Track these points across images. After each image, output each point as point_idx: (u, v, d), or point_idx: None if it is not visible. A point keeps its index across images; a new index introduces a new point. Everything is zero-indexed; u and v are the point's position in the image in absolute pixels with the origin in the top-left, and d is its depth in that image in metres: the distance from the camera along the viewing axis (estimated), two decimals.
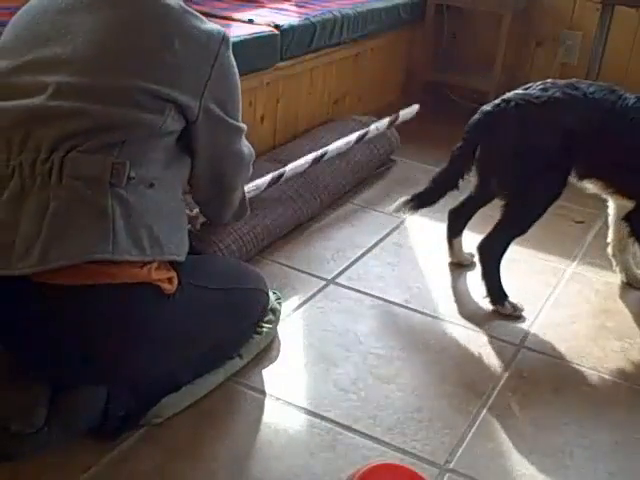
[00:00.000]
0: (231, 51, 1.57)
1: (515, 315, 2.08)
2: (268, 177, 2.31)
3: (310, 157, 2.49)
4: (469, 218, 2.29)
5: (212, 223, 1.98)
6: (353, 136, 2.71)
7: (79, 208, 1.37)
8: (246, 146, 1.73)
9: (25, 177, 1.39)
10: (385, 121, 2.88)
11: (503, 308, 2.09)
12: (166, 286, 1.47)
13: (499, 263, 2.10)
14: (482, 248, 2.11)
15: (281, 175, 2.36)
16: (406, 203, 2.21)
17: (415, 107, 3.07)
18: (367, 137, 2.76)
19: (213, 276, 1.65)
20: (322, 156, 2.54)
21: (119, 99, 1.42)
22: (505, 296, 2.10)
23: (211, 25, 1.54)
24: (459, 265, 2.35)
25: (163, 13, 1.48)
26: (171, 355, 1.55)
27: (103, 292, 1.39)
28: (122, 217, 1.38)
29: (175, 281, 1.49)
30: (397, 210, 2.23)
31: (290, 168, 2.40)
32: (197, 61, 1.50)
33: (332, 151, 2.59)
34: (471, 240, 2.35)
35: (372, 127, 2.80)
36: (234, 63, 1.59)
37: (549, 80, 2.05)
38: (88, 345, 1.43)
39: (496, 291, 2.10)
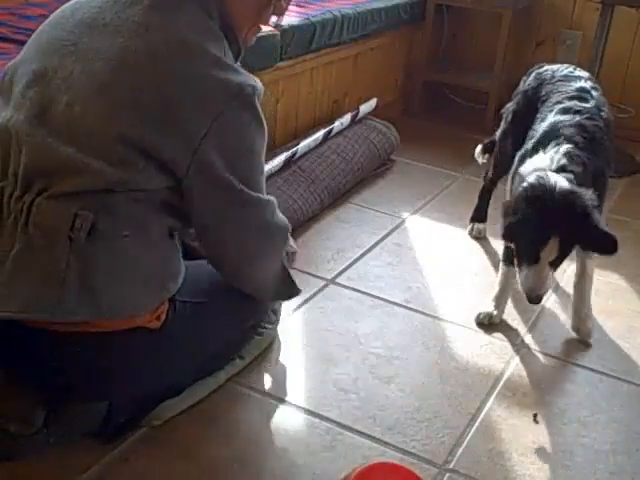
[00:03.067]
0: (251, 110, 1.39)
1: None
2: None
3: (282, 157, 2.50)
4: None
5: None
6: (320, 133, 2.73)
7: (34, 259, 1.30)
8: (279, 218, 1.54)
9: (4, 204, 1.35)
10: (347, 117, 2.91)
11: None
12: (152, 324, 1.42)
13: None
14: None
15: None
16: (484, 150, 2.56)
17: (373, 101, 3.11)
18: (332, 133, 2.79)
19: (209, 287, 1.60)
20: (293, 156, 2.55)
21: (90, 144, 1.31)
22: None
23: (235, 77, 1.36)
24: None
25: (174, 54, 1.34)
26: (171, 374, 1.55)
27: (89, 340, 1.36)
28: (77, 275, 1.29)
29: (163, 315, 1.44)
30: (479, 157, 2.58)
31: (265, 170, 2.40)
32: (194, 113, 1.32)
33: (302, 150, 2.60)
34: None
35: (336, 123, 2.83)
36: (250, 124, 1.40)
37: (571, 67, 2.23)
38: (80, 388, 1.42)
39: None
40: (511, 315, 2.09)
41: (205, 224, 1.46)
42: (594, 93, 2.05)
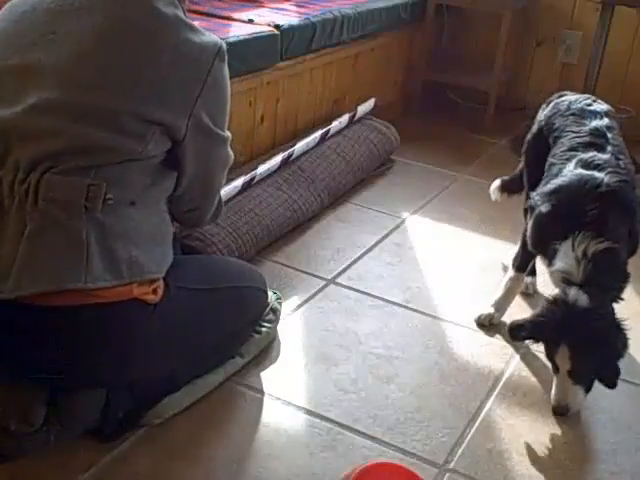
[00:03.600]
0: (226, 63, 1.50)
1: None
2: (240, 181, 2.31)
3: (278, 158, 2.50)
4: None
5: (190, 227, 1.89)
6: (317, 133, 2.73)
7: (53, 233, 1.34)
8: (230, 151, 1.65)
9: (4, 195, 1.36)
10: (346, 117, 2.91)
11: None
12: (149, 297, 1.45)
13: None
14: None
15: (252, 178, 2.37)
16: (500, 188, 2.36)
17: (372, 101, 3.11)
18: (330, 133, 2.78)
19: (206, 277, 1.65)
20: (289, 156, 2.55)
21: (101, 121, 1.36)
22: None
23: (207, 37, 1.46)
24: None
25: (155, 25, 1.41)
26: (168, 359, 1.55)
27: (88, 312, 1.37)
28: (97, 242, 1.35)
29: (160, 290, 1.47)
30: (494, 193, 2.37)
31: (261, 171, 2.41)
32: (187, 77, 1.43)
33: (298, 150, 2.60)
34: None
35: (334, 124, 2.83)
36: (227, 75, 1.52)
37: (590, 99, 2.10)
38: (80, 363, 1.43)
39: None
40: (511, 315, 2.09)
41: (189, 169, 1.52)
42: (609, 135, 1.91)
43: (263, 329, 1.83)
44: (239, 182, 2.30)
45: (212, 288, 1.63)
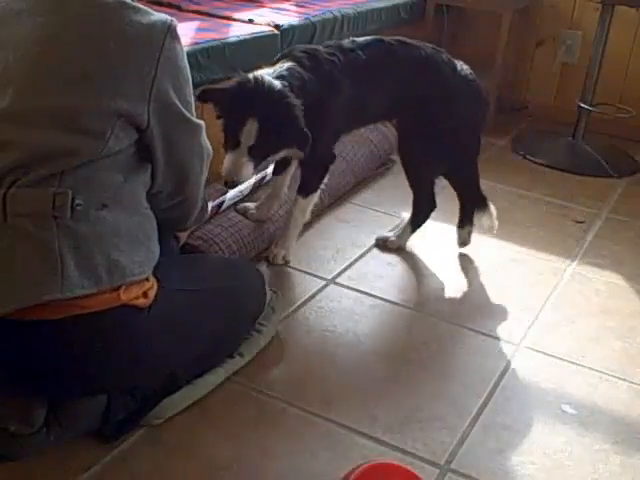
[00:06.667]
0: (179, 41, 1.44)
1: None
2: (252, 180, 2.31)
3: None
4: None
5: (171, 230, 1.77)
6: None
7: (25, 246, 1.31)
8: (207, 142, 1.59)
9: None
10: None
11: None
12: (140, 302, 1.42)
13: None
14: None
15: (264, 177, 2.37)
16: None
17: None
18: None
19: (202, 276, 1.63)
20: None
21: (57, 124, 1.32)
22: None
23: (155, 17, 1.40)
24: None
25: (96, 14, 1.37)
26: (167, 361, 1.54)
27: (77, 324, 1.35)
28: (71, 250, 1.32)
29: (152, 293, 1.45)
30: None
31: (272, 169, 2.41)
32: (138, 61, 1.37)
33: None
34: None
35: None
36: (183, 54, 1.46)
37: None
38: (76, 377, 1.42)
39: None
40: (511, 314, 2.10)
41: (160, 155, 1.47)
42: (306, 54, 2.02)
43: (263, 328, 1.83)
44: (252, 180, 2.30)
45: (209, 288, 1.61)
